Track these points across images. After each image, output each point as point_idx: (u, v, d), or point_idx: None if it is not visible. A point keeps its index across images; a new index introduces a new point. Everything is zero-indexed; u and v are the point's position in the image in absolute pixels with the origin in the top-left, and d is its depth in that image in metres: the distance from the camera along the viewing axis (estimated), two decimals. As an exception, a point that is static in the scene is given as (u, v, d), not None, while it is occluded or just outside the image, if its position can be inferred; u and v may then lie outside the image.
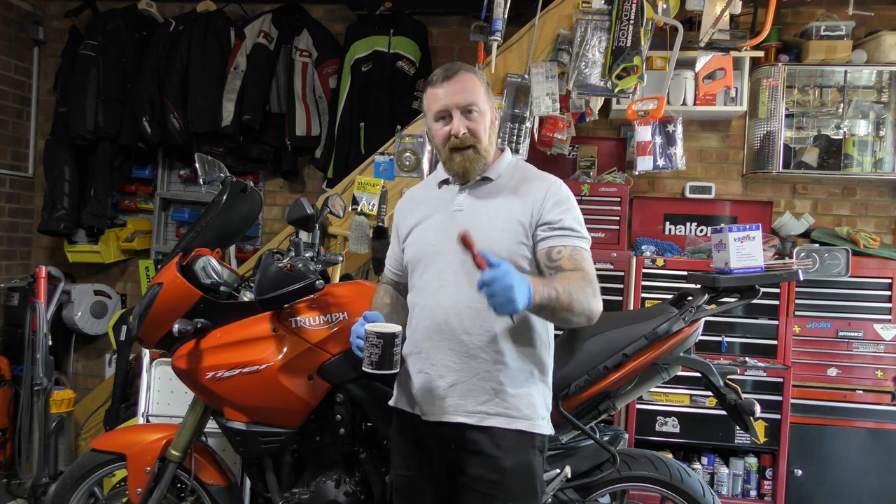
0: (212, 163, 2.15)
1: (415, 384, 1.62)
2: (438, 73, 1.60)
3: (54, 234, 3.86)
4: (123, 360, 3.06)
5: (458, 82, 1.57)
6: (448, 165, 1.62)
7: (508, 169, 1.66)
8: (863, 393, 3.00)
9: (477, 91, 1.58)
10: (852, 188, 3.52)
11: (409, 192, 1.83)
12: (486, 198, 1.61)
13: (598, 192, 3.19)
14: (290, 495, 2.01)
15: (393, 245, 1.82)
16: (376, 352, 1.48)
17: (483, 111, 1.59)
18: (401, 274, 1.79)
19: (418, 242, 1.66)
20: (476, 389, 1.55)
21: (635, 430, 3.00)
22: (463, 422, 1.55)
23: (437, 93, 1.58)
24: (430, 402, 1.59)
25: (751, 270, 1.96)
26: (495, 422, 1.54)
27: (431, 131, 1.64)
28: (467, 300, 1.54)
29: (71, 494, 2.16)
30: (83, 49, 3.71)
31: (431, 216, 1.66)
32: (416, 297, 1.65)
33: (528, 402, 1.58)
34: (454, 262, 1.56)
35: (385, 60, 3.61)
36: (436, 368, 1.58)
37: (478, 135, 1.57)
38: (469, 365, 1.55)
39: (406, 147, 2.94)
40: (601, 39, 2.78)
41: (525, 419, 1.56)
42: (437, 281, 1.59)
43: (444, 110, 1.58)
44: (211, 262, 2.01)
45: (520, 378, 1.57)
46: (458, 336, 1.55)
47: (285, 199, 4.03)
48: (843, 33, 3.20)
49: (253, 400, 1.92)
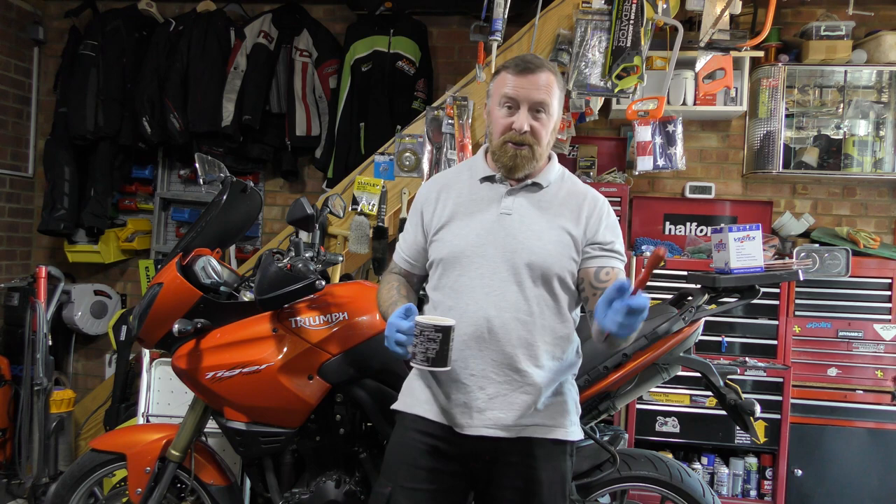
0: (212, 163, 2.15)
1: (448, 394, 1.51)
2: (518, 62, 1.51)
3: (54, 234, 3.86)
4: (123, 360, 3.06)
5: (537, 77, 1.48)
6: (497, 155, 1.53)
7: (557, 177, 1.60)
8: (863, 393, 3.00)
9: (552, 92, 1.51)
10: (852, 188, 3.52)
11: (437, 178, 1.69)
12: (537, 206, 1.54)
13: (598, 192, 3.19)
14: (290, 495, 2.01)
15: (411, 232, 1.66)
16: (433, 347, 1.35)
17: (552, 114, 1.52)
18: (415, 264, 1.67)
19: (457, 240, 1.53)
20: (517, 403, 1.49)
21: (635, 430, 3.00)
22: (502, 436, 1.48)
23: (513, 80, 1.49)
24: (466, 415, 1.49)
25: (751, 270, 1.96)
26: (532, 432, 1.50)
27: (491, 115, 1.55)
28: (514, 310, 1.48)
29: (71, 494, 2.16)
30: (83, 49, 3.71)
31: (472, 214, 1.55)
32: (450, 300, 1.53)
33: (563, 410, 1.55)
34: (501, 268, 1.49)
35: (385, 60, 3.61)
36: (476, 379, 1.48)
37: (539, 137, 1.50)
38: (511, 377, 1.48)
39: (406, 147, 2.94)
40: (601, 39, 2.78)
41: (560, 427, 1.53)
42: (481, 287, 1.49)
43: (514, 100, 1.49)
44: (211, 262, 2.01)
45: (556, 387, 1.54)
46: (503, 347, 1.48)
47: (285, 199, 4.03)
48: (843, 33, 3.20)
49: (253, 400, 1.92)
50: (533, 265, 1.49)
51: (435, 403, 1.54)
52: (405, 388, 1.63)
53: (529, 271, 1.49)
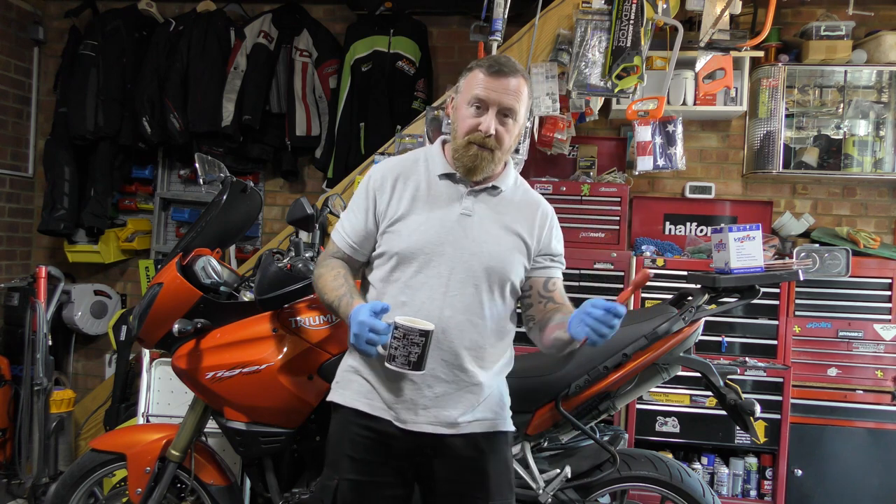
0: (212, 163, 2.15)
1: (392, 389, 1.52)
2: (493, 63, 1.50)
3: (54, 234, 3.86)
4: (123, 360, 3.06)
5: (508, 81, 1.48)
6: (459, 154, 1.52)
7: (513, 182, 1.63)
8: (863, 393, 3.00)
9: (522, 99, 1.51)
10: (852, 188, 3.51)
11: (392, 164, 1.62)
12: (495, 209, 1.56)
13: (598, 192, 3.19)
14: (290, 495, 2.01)
15: (360, 217, 1.59)
16: (416, 351, 1.34)
17: (518, 121, 1.53)
18: (359, 250, 1.60)
19: (415, 235, 1.51)
20: (462, 401, 1.52)
21: (635, 430, 3.00)
22: (445, 432, 1.51)
23: (485, 80, 1.49)
24: (411, 411, 1.51)
25: (751, 270, 1.96)
26: (476, 427, 1.54)
27: (458, 111, 1.54)
28: (468, 312, 1.50)
29: (71, 494, 2.16)
30: (83, 49, 3.71)
31: (432, 210, 1.53)
32: (404, 295, 1.51)
33: (503, 403, 1.60)
34: (459, 269, 1.50)
35: (385, 60, 3.61)
36: (424, 377, 1.47)
37: (502, 141, 1.51)
38: (459, 377, 1.51)
39: (406, 147, 2.94)
40: (601, 39, 2.77)
41: (500, 419, 1.58)
42: (438, 286, 1.49)
43: (483, 101, 1.49)
44: (211, 262, 2.00)
45: (496, 381, 1.59)
46: (454, 347, 1.49)
47: (285, 199, 4.03)
48: (843, 33, 3.20)
49: (253, 400, 1.92)
50: (491, 270, 1.52)
51: (376, 398, 1.54)
52: (341, 380, 1.61)
53: (487, 275, 1.51)
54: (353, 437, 1.55)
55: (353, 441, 1.54)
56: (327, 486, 1.56)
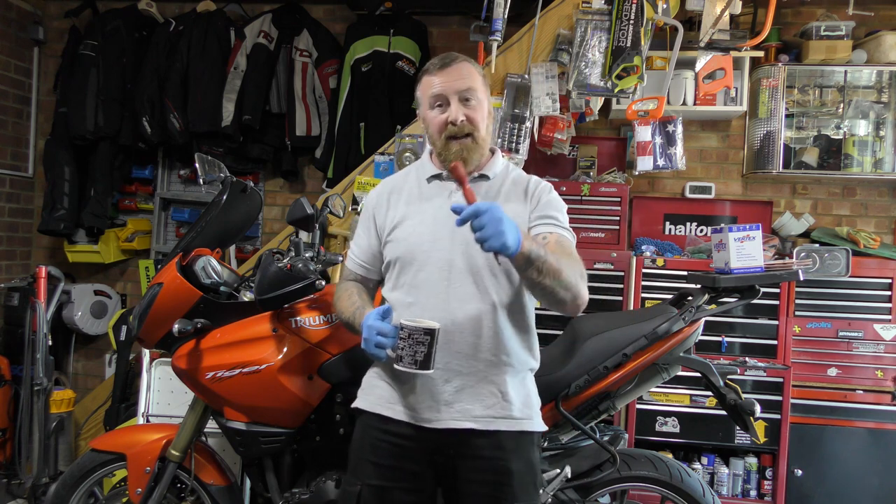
0: (212, 163, 2.15)
1: (412, 391, 1.52)
2: (435, 62, 1.56)
3: (54, 234, 3.86)
4: (123, 360, 3.06)
5: (455, 69, 1.53)
6: (444, 156, 1.55)
7: (502, 169, 1.64)
8: (863, 393, 3.00)
9: (475, 79, 1.54)
10: (852, 188, 3.52)
11: (386, 182, 1.71)
12: (486, 195, 1.58)
13: (598, 192, 3.19)
14: (290, 495, 2.00)
15: (363, 237, 1.68)
16: (422, 350, 1.34)
17: (481, 100, 1.55)
18: (371, 268, 1.68)
19: (412, 237, 1.55)
20: (483, 392, 1.51)
21: (635, 430, 3.00)
22: (470, 427, 1.50)
23: (434, 80, 1.54)
24: (433, 409, 1.51)
25: (751, 270, 1.96)
26: (501, 425, 1.51)
27: (426, 120, 1.58)
28: (476, 300, 1.50)
29: (71, 494, 2.16)
30: (83, 49, 3.71)
31: (424, 211, 1.57)
32: (409, 296, 1.54)
33: (528, 402, 1.57)
34: (459, 261, 1.51)
35: (385, 60, 3.61)
36: (441, 372, 1.48)
37: (476, 123, 1.53)
38: (476, 368, 1.50)
39: (406, 147, 2.94)
40: (601, 39, 2.77)
41: (527, 419, 1.55)
42: (440, 280, 1.51)
43: (441, 96, 1.53)
44: (211, 262, 2.00)
45: (520, 376, 1.57)
46: (467, 337, 1.50)
47: (285, 199, 4.03)
48: (843, 33, 3.20)
49: (253, 400, 1.92)
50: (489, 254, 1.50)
51: (399, 402, 1.55)
52: (366, 386, 1.64)
53: (487, 259, 1.50)
54: (375, 442, 1.56)
55: (375, 446, 1.55)
56: (350, 492, 1.56)
